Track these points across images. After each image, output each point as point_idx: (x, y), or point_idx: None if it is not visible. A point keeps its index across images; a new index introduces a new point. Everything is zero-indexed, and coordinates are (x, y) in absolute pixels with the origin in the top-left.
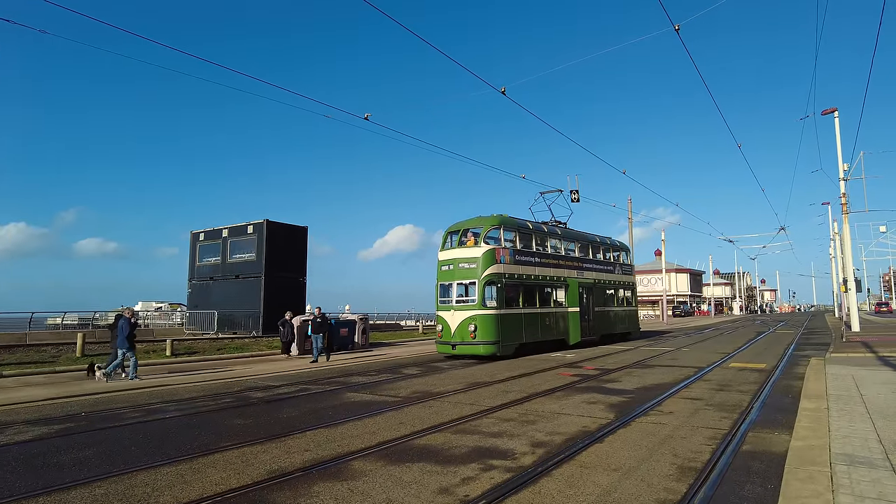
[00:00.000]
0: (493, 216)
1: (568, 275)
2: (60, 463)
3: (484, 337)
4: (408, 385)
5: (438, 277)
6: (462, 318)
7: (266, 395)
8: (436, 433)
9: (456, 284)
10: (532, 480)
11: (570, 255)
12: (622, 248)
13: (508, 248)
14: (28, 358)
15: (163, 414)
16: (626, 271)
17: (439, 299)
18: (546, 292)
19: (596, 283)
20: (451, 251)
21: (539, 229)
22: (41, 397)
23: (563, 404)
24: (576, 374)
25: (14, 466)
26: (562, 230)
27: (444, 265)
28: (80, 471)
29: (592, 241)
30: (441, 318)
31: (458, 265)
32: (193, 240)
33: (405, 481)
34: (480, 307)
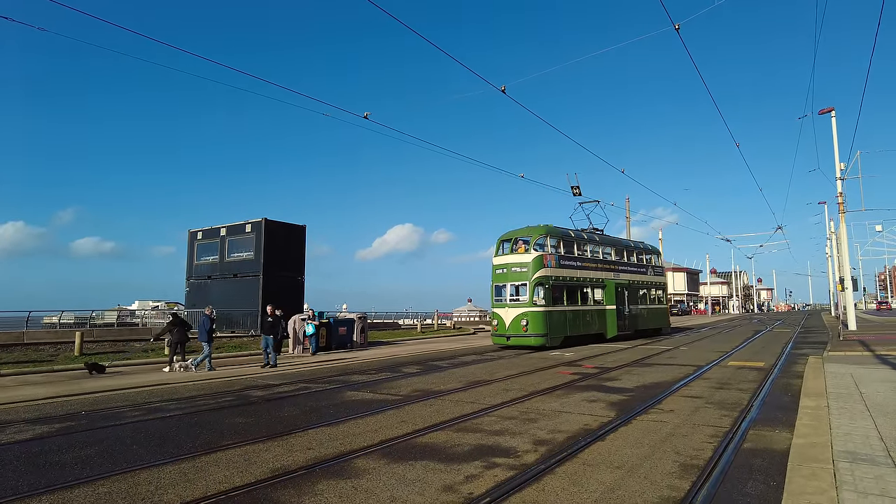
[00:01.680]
0: (540, 226)
1: (606, 276)
2: (62, 462)
3: (534, 330)
4: (408, 383)
5: (493, 279)
6: (515, 315)
7: (266, 393)
8: (438, 431)
9: (509, 285)
10: (536, 478)
11: (608, 259)
12: (654, 251)
13: (554, 254)
14: (26, 357)
15: (163, 413)
16: (657, 272)
17: (494, 298)
18: (587, 292)
19: (630, 283)
20: (504, 257)
21: (580, 236)
22: (40, 396)
23: (563, 402)
24: (575, 373)
25: (16, 465)
26: (599, 236)
27: (498, 269)
28: (83, 469)
29: (627, 245)
30: (496, 314)
31: (511, 269)
32: (191, 238)
33: (409, 479)
34: (531, 305)
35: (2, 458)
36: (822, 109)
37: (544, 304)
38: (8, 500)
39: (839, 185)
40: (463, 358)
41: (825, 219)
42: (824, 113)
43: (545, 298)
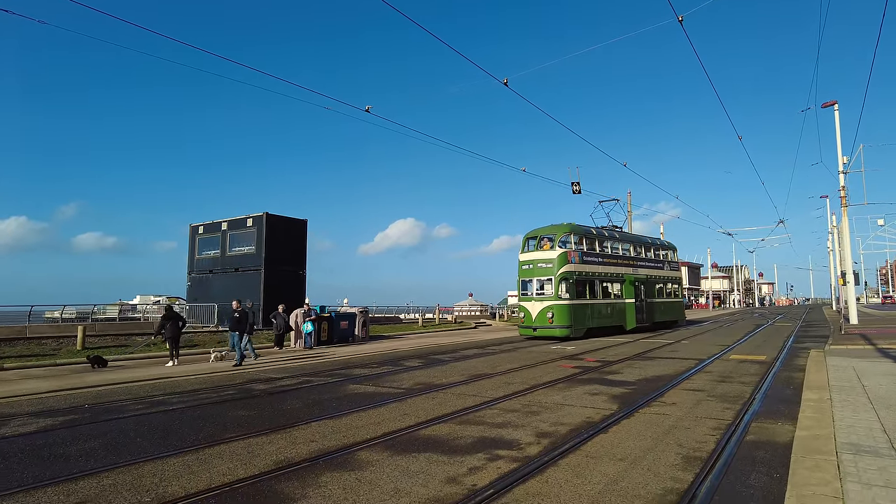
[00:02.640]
0: (564, 224)
1: (625, 271)
2: (66, 454)
3: (559, 322)
4: (410, 377)
5: (520, 275)
6: (541, 308)
7: (268, 387)
8: (440, 424)
9: (535, 280)
10: (539, 470)
11: (626, 255)
12: (670, 247)
13: (577, 251)
14: (29, 351)
15: (166, 406)
16: (673, 268)
17: (520, 292)
18: (607, 286)
19: (648, 278)
20: (530, 254)
21: (601, 234)
22: (43, 390)
23: (565, 395)
24: (577, 366)
25: (21, 457)
26: (619, 234)
27: (524, 265)
28: (87, 462)
29: (644, 241)
30: (523, 307)
31: (537, 265)
32: (192, 233)
33: (412, 471)
34: (556, 299)
35: (6, 451)
36: (825, 103)
37: (569, 297)
38: (13, 492)
39: (842, 178)
40: (465, 352)
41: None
42: (827, 106)
43: (569, 292)
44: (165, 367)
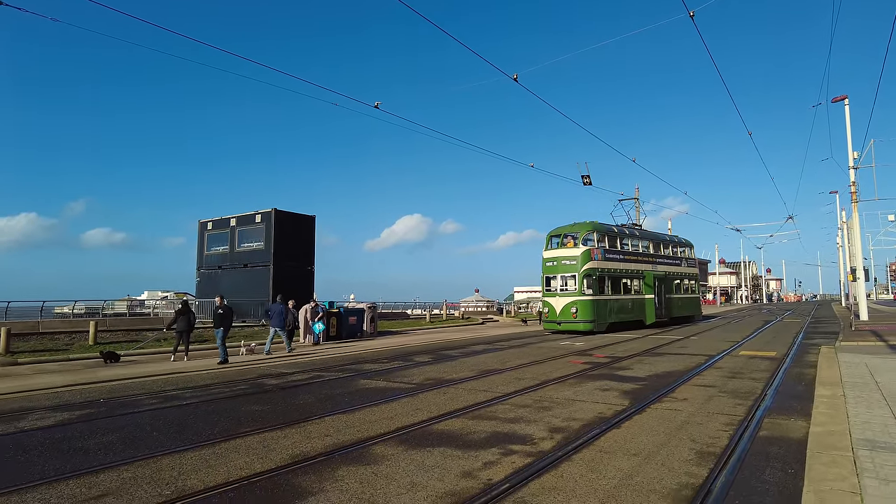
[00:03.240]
0: (587, 223)
1: (644, 268)
2: (85, 448)
3: (583, 317)
4: (420, 372)
5: (544, 271)
6: (565, 303)
7: (280, 382)
8: (453, 419)
9: (559, 277)
10: (553, 465)
11: (646, 252)
12: (687, 244)
13: (599, 248)
14: (42, 346)
15: (180, 401)
16: (690, 264)
17: (544, 288)
18: (628, 282)
19: (666, 274)
20: (553, 251)
21: (622, 232)
22: (58, 384)
23: (576, 391)
24: (587, 362)
25: (41, 451)
26: (639, 231)
27: (548, 262)
28: (106, 455)
29: (663, 239)
30: (547, 303)
31: (561, 262)
32: (201, 229)
33: (427, 465)
34: (580, 294)
35: (27, 444)
36: (835, 98)
37: (591, 293)
38: (37, 484)
39: (852, 174)
40: (473, 347)
41: (837, 208)
42: (837, 101)
43: (592, 288)
44: (172, 363)
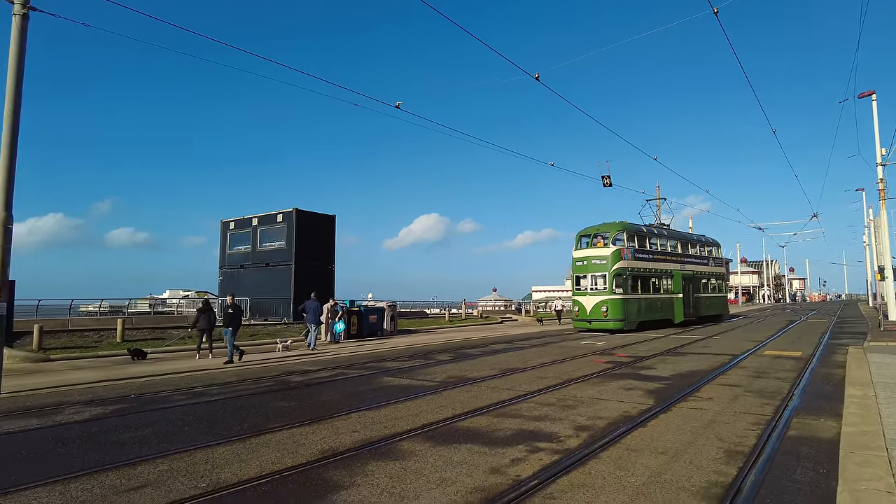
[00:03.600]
0: (617, 223)
1: (673, 267)
2: (121, 441)
3: (614, 316)
4: (442, 370)
5: (574, 271)
6: (595, 302)
7: (305, 379)
8: (478, 416)
9: (590, 276)
10: (580, 462)
11: (674, 252)
12: (714, 243)
13: (629, 248)
14: (72, 343)
15: (208, 397)
16: (717, 264)
17: (574, 287)
18: (657, 281)
19: (694, 273)
20: (583, 251)
21: (651, 231)
22: (90, 380)
23: (600, 390)
24: (609, 361)
25: (79, 443)
26: (667, 231)
27: (578, 262)
28: (141, 448)
29: (691, 238)
30: (578, 302)
31: (591, 261)
32: (224, 228)
33: (455, 461)
34: (610, 293)
35: (66, 437)
36: (862, 93)
37: (622, 292)
38: (79, 475)
39: (880, 170)
40: (494, 346)
41: (864, 206)
42: (865, 96)
43: (622, 287)
44: (197, 360)
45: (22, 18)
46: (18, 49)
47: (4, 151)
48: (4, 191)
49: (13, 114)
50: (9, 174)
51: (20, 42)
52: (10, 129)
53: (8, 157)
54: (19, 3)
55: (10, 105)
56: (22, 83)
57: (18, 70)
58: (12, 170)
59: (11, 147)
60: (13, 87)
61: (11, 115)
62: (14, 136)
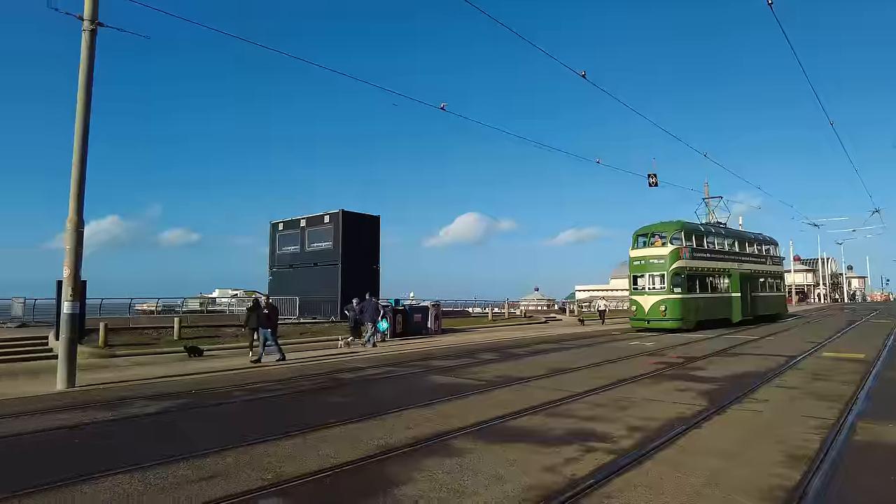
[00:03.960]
0: (674, 222)
1: (730, 266)
2: (187, 434)
3: (672, 315)
4: (489, 369)
5: (631, 270)
6: (653, 301)
7: (355, 376)
8: (529, 416)
9: (647, 275)
10: (636, 462)
11: (732, 250)
12: (772, 242)
13: (687, 247)
14: (133, 340)
15: (265, 393)
16: (775, 262)
17: (632, 287)
18: (715, 281)
19: (752, 272)
20: (641, 250)
21: (708, 230)
22: (153, 375)
23: (652, 391)
24: (660, 362)
25: (150, 435)
26: (724, 230)
27: (635, 261)
28: (207, 441)
29: (748, 237)
30: (635, 301)
31: (649, 261)
32: (273, 230)
33: (509, 459)
34: (669, 293)
35: (138, 429)
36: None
37: (680, 292)
38: (152, 465)
39: None
40: (540, 346)
41: None
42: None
43: (680, 287)
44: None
45: (91, 34)
46: (88, 63)
47: (76, 161)
48: (76, 198)
49: (83, 126)
50: (80, 181)
51: (89, 56)
52: (80, 140)
53: (79, 166)
54: (88, 20)
55: (80, 118)
56: (90, 96)
57: (88, 83)
58: (83, 177)
59: (82, 156)
60: (83, 100)
61: (81, 127)
62: (84, 147)
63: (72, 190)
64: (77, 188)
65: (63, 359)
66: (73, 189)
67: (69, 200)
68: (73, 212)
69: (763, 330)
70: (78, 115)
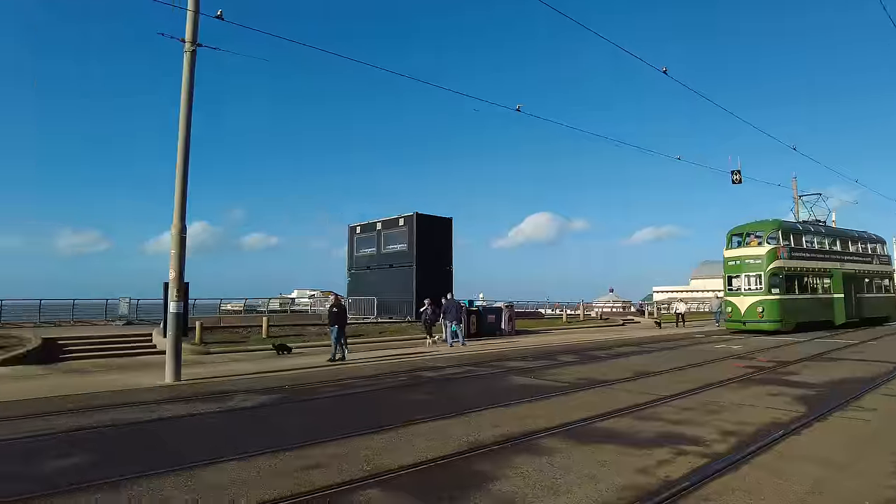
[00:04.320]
0: (771, 221)
1: (832, 266)
2: (285, 426)
3: (770, 317)
4: (569, 372)
5: (726, 271)
6: (750, 302)
7: (436, 374)
8: (615, 418)
9: (743, 276)
10: (733, 467)
11: (833, 250)
12: (879, 240)
13: (785, 247)
14: (224, 338)
15: (353, 389)
16: (882, 261)
17: (727, 288)
18: (815, 281)
19: (856, 272)
20: (736, 250)
21: (807, 229)
22: (247, 371)
23: (743, 395)
24: (749, 366)
25: (252, 426)
26: (824, 228)
27: (730, 261)
28: (305, 433)
29: (851, 235)
30: (731, 303)
31: (745, 261)
32: (351, 233)
33: (600, 460)
34: (766, 294)
35: (240, 420)
36: None
37: (778, 293)
38: (259, 454)
39: None
40: (620, 349)
41: None
42: None
43: (778, 288)
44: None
45: (191, 55)
46: (189, 82)
47: (179, 173)
48: (179, 207)
49: (185, 140)
50: (183, 192)
51: (190, 75)
52: (182, 154)
53: (182, 177)
54: (189, 42)
55: (182, 132)
56: (191, 112)
57: (188, 100)
58: (185, 187)
59: (184, 168)
60: (185, 116)
61: (184, 141)
62: (186, 160)
63: (175, 202)
64: (180, 200)
65: (170, 354)
66: (176, 201)
67: (173, 211)
68: (177, 220)
69: (866, 333)
70: (180, 134)
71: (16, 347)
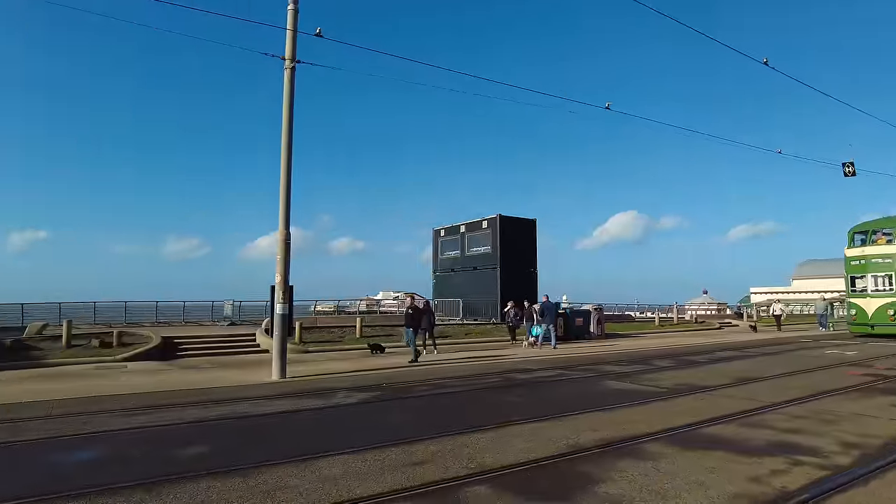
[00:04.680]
0: None
1: None
2: (388, 423)
3: None
4: (666, 376)
5: (848, 271)
6: (878, 305)
7: (527, 377)
8: (720, 424)
9: (869, 276)
10: (859, 480)
11: None
12: None
13: None
14: (320, 338)
15: (445, 388)
16: None
17: (850, 289)
18: None
19: None
20: (860, 249)
21: None
22: (345, 370)
23: (863, 405)
24: (867, 374)
25: (357, 423)
26: None
27: (853, 261)
28: (407, 430)
29: None
30: (855, 305)
31: (871, 260)
32: (435, 236)
33: (707, 467)
34: None
35: (344, 416)
36: None
37: None
38: (368, 449)
39: None
40: (719, 353)
41: None
42: None
43: None
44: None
45: (291, 71)
46: (289, 97)
47: (283, 182)
48: (284, 216)
49: (287, 151)
50: (286, 200)
51: (290, 90)
52: (285, 164)
53: (286, 186)
54: (289, 59)
55: (284, 144)
56: (292, 125)
57: (289, 114)
58: (289, 197)
59: (287, 178)
60: (286, 129)
61: (286, 152)
62: (289, 170)
63: (280, 210)
64: (284, 208)
65: (277, 353)
66: (281, 210)
67: (278, 219)
68: (283, 227)
69: None
70: (283, 145)
71: (142, 345)
